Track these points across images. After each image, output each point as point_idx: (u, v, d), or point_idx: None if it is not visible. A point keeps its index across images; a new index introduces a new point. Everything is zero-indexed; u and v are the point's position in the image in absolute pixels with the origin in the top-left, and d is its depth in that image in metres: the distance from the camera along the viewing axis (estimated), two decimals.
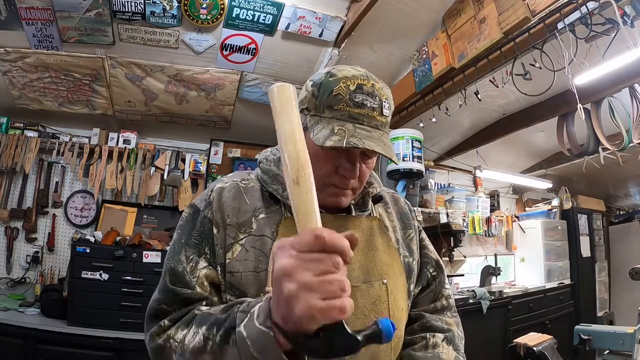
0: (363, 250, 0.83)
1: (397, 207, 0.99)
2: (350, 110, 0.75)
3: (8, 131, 3.11)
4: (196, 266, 0.78)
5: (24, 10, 2.36)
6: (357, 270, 0.81)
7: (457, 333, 0.91)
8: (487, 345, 3.41)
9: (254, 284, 0.76)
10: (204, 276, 0.77)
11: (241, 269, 0.77)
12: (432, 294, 0.96)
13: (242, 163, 3.45)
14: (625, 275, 2.80)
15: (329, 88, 0.77)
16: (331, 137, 0.74)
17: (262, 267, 0.77)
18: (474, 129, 3.78)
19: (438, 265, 0.99)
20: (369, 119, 0.77)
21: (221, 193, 0.84)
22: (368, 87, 0.77)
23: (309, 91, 0.80)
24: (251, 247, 0.79)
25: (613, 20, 1.81)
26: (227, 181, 0.87)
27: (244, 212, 0.82)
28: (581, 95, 2.29)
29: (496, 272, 3.98)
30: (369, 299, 0.80)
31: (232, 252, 0.78)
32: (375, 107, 0.77)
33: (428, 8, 2.47)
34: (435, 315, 0.93)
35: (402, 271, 0.88)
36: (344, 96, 0.75)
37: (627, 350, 2.22)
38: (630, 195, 5.49)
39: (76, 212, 3.27)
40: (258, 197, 0.85)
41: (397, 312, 0.84)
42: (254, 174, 0.90)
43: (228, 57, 2.76)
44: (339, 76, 0.77)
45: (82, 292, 2.62)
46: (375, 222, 0.89)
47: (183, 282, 0.76)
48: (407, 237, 0.95)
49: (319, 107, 0.78)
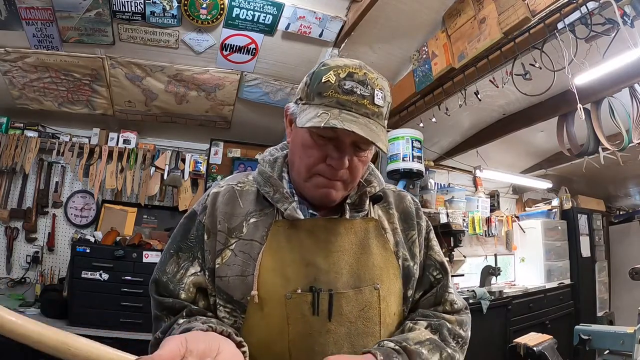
0: (355, 254, 0.80)
1: (402, 206, 0.93)
2: (338, 96, 0.73)
3: (8, 131, 3.11)
4: (186, 272, 0.81)
5: (24, 10, 2.36)
6: (346, 275, 0.78)
7: (451, 327, 0.84)
8: (487, 345, 3.41)
9: (239, 288, 0.77)
10: (191, 283, 0.80)
11: (229, 273, 0.78)
12: (433, 297, 0.89)
13: (242, 163, 3.45)
14: (625, 275, 2.80)
15: (320, 76, 0.76)
16: (312, 120, 0.72)
17: (249, 271, 0.77)
18: (474, 129, 3.78)
19: (443, 267, 0.92)
20: (358, 107, 0.73)
21: (215, 198, 0.85)
22: (359, 75, 0.74)
23: (303, 82, 0.81)
24: (240, 251, 0.79)
25: (613, 20, 1.81)
26: (223, 185, 0.88)
27: (237, 217, 0.82)
28: (581, 95, 2.29)
29: (496, 272, 3.98)
30: (357, 306, 0.78)
31: (222, 258, 0.80)
32: (366, 95, 0.73)
33: (428, 8, 2.47)
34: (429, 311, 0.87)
35: (397, 275, 0.84)
36: (333, 83, 0.74)
37: (627, 350, 2.21)
38: (630, 195, 5.48)
39: (76, 212, 3.27)
40: (252, 200, 0.84)
41: (389, 317, 0.81)
42: (252, 175, 0.90)
43: (228, 57, 2.76)
44: (330, 65, 0.77)
45: (82, 292, 2.63)
46: (372, 224, 0.85)
47: (168, 290, 0.80)
48: (408, 239, 0.90)
49: (310, 95, 0.77)
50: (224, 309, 0.79)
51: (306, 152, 0.78)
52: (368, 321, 0.78)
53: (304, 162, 0.79)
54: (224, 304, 0.79)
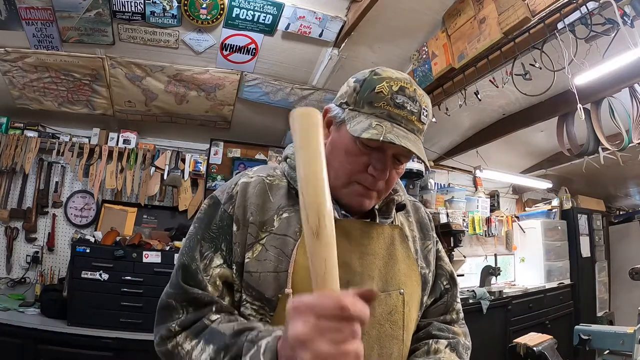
0: (384, 259, 0.82)
1: (418, 216, 0.97)
2: (390, 109, 0.74)
3: (8, 131, 3.10)
4: (210, 263, 0.76)
5: (24, 10, 2.35)
6: (377, 279, 0.80)
7: (463, 342, 0.90)
8: (487, 345, 3.40)
9: (272, 285, 0.74)
10: (217, 275, 0.76)
11: (260, 269, 0.75)
12: (443, 306, 0.95)
13: (242, 163, 3.45)
14: (625, 275, 2.80)
15: (372, 85, 0.76)
16: (369, 130, 0.72)
17: (282, 267, 0.74)
18: (474, 129, 3.79)
19: (452, 278, 0.97)
20: (407, 122, 0.75)
21: (246, 188, 0.81)
22: (410, 91, 0.76)
23: (350, 86, 0.80)
24: (271, 246, 0.76)
25: (613, 20, 1.81)
26: (252, 176, 0.84)
27: (268, 210, 0.80)
28: (581, 95, 2.29)
29: (496, 272, 3.98)
30: (386, 308, 0.79)
31: (253, 252, 0.76)
32: (415, 111, 0.76)
33: (428, 8, 2.47)
34: (442, 325, 0.92)
35: (419, 282, 0.86)
36: (386, 95, 0.75)
37: (627, 350, 2.22)
38: (630, 195, 5.49)
39: (76, 212, 3.27)
40: (283, 194, 0.82)
41: (410, 322, 0.84)
42: (279, 169, 0.87)
43: (228, 57, 2.76)
44: (382, 75, 0.77)
45: (82, 292, 2.62)
46: (397, 231, 0.87)
47: (195, 280, 0.75)
48: (425, 248, 0.93)
49: (359, 102, 0.77)
50: (251, 306, 0.76)
51: (349, 158, 0.77)
52: (394, 325, 0.80)
53: (345, 168, 0.78)
54: (251, 301, 0.75)
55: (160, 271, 2.69)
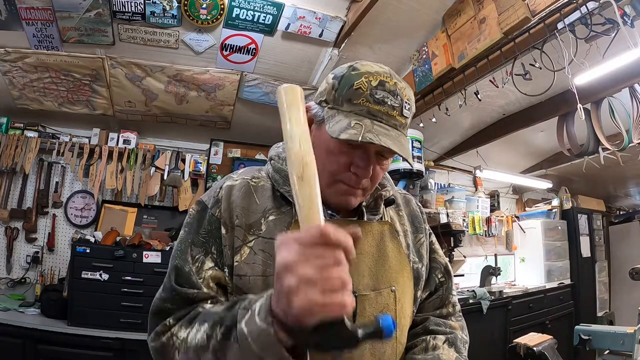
0: (373, 257, 0.81)
1: (409, 209, 0.96)
2: (370, 106, 0.73)
3: (8, 131, 3.10)
4: (202, 266, 0.76)
5: (24, 10, 2.35)
6: (367, 278, 0.79)
7: (461, 336, 0.89)
8: (487, 345, 3.41)
9: (262, 288, 0.73)
10: (209, 277, 0.76)
11: (249, 273, 0.75)
12: (438, 300, 0.94)
13: (242, 163, 3.45)
14: (625, 275, 2.80)
15: (350, 81, 0.74)
16: (347, 130, 0.71)
17: (270, 271, 0.74)
18: (474, 129, 3.79)
19: (447, 270, 0.97)
20: (388, 118, 0.74)
21: (230, 191, 0.81)
22: (390, 85, 0.74)
23: (329, 83, 0.78)
24: (260, 250, 0.76)
25: (613, 20, 1.81)
26: (236, 179, 0.84)
27: (254, 213, 0.79)
28: (581, 95, 2.30)
29: (496, 272, 3.98)
30: (377, 307, 0.79)
31: (241, 255, 0.76)
32: (396, 106, 0.74)
33: (428, 8, 2.47)
34: (439, 319, 0.91)
35: (410, 278, 0.86)
36: (365, 91, 0.73)
37: (627, 350, 2.22)
38: (630, 195, 5.49)
39: (76, 212, 3.27)
40: (269, 196, 0.81)
41: (403, 319, 0.83)
42: (264, 170, 0.87)
43: (228, 57, 2.76)
44: (361, 70, 0.75)
45: (82, 292, 2.62)
46: (387, 227, 0.86)
47: (190, 282, 0.75)
48: (417, 242, 0.92)
49: (338, 99, 0.75)
50: None
51: (331, 158, 0.76)
52: None
53: (327, 168, 0.77)
54: None
55: (160, 271, 2.68)
